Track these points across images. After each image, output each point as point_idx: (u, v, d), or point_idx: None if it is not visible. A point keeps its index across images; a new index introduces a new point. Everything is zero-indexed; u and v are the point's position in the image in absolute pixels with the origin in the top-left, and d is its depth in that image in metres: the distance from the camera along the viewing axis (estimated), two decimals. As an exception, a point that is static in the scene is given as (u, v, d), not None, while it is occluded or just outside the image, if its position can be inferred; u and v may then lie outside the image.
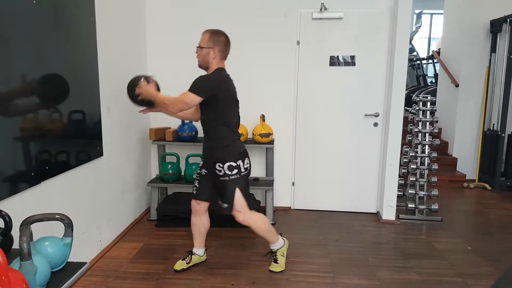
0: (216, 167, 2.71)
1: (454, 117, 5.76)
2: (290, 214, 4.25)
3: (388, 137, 3.95)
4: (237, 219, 2.80)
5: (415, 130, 4.21)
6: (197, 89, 2.59)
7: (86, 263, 1.65)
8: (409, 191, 4.18)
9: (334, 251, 3.35)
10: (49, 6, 2.38)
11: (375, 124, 4.12)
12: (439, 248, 3.43)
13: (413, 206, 4.12)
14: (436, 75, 7.93)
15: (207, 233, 3.04)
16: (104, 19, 3.06)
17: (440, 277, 2.93)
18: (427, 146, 4.18)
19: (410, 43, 8.85)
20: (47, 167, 2.39)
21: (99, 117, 3.03)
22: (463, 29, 5.59)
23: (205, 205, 2.91)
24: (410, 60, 8.62)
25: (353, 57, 4.05)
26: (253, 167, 3.35)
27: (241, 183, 2.75)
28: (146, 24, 4.11)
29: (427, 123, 4.17)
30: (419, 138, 4.19)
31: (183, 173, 4.07)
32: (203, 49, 2.67)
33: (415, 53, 9.18)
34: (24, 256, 1.35)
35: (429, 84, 8.57)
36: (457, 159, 5.75)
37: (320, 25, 4.03)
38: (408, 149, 4.26)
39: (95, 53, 2.93)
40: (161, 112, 2.82)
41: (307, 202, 4.36)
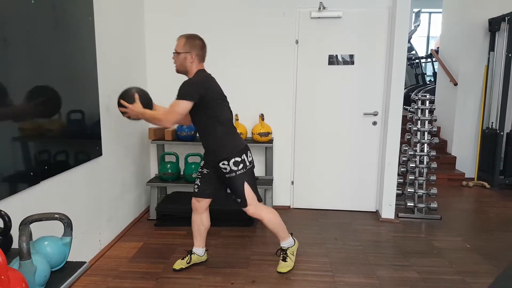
0: (220, 166, 2.71)
1: (453, 116, 5.76)
2: (289, 213, 4.26)
3: (387, 136, 3.96)
4: (248, 212, 2.80)
5: (414, 128, 4.22)
6: (186, 95, 2.56)
7: (85, 262, 1.65)
8: (408, 190, 4.18)
9: (333, 249, 3.35)
10: (48, 5, 2.38)
11: (374, 122, 4.12)
12: (438, 246, 3.43)
13: (412, 204, 4.13)
14: (434, 74, 7.94)
15: (207, 232, 3.04)
16: (102, 19, 3.06)
17: (439, 275, 2.93)
18: (426, 144, 4.18)
19: (408, 41, 8.85)
20: (46, 167, 2.39)
21: (98, 117, 3.03)
22: (461, 28, 5.60)
23: (205, 203, 2.92)
24: (409, 58, 8.62)
25: (352, 56, 4.06)
26: (252, 166, 3.36)
27: (248, 176, 2.77)
28: (144, 23, 4.11)
29: (426, 122, 4.18)
30: (418, 136, 4.19)
31: (182, 173, 4.08)
32: (179, 54, 2.65)
33: (414, 52, 9.18)
34: (23, 255, 1.35)
35: (428, 82, 8.57)
36: (456, 157, 5.76)
37: (319, 24, 4.03)
38: (407, 148, 4.26)
39: (93, 52, 2.93)
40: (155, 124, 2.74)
41: (306, 201, 4.36)
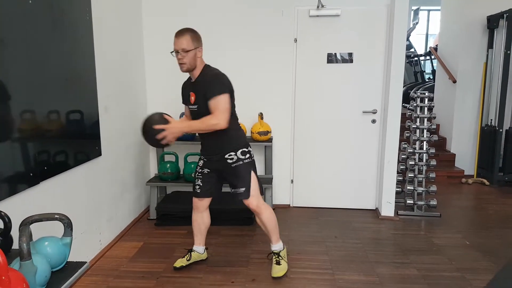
0: (226, 158, 2.69)
1: (452, 113, 5.77)
2: (289, 211, 4.26)
3: (386, 134, 3.96)
4: (251, 205, 2.77)
5: (413, 126, 4.22)
6: (224, 89, 2.56)
7: (86, 262, 1.65)
8: (408, 187, 4.19)
9: (333, 247, 3.36)
10: (45, 5, 2.37)
11: (373, 121, 4.13)
12: (438, 243, 3.44)
13: (412, 202, 4.13)
14: (433, 72, 7.94)
15: (207, 230, 3.05)
16: (100, 18, 3.06)
17: (439, 272, 2.94)
18: (425, 142, 4.19)
19: (407, 39, 8.83)
20: (45, 168, 2.39)
21: (97, 117, 3.03)
22: (460, 25, 5.60)
23: (207, 202, 2.92)
24: (407, 56, 8.61)
25: (350, 54, 4.06)
26: (252, 165, 3.36)
27: (254, 166, 2.79)
28: (143, 23, 4.11)
29: (425, 119, 4.18)
30: (417, 134, 4.20)
31: (182, 172, 4.08)
32: (189, 52, 2.55)
33: (412, 50, 9.18)
34: (24, 256, 1.35)
35: (427, 80, 8.57)
36: (455, 155, 5.76)
37: (317, 23, 4.03)
38: (406, 146, 4.27)
39: (92, 52, 2.93)
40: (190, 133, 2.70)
41: (306, 199, 4.37)
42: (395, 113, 3.91)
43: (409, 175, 4.19)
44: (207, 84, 2.59)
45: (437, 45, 6.88)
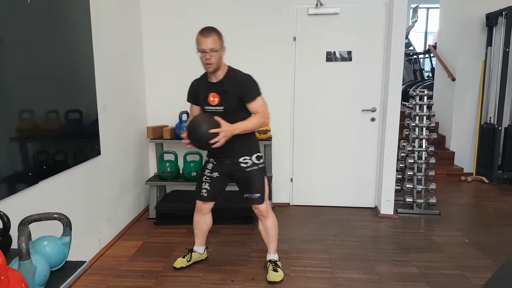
0: (240, 162, 2.66)
1: (451, 111, 5.77)
2: (289, 210, 4.26)
3: (385, 132, 3.96)
4: (261, 209, 2.75)
5: (412, 124, 4.22)
6: (260, 91, 2.63)
7: (85, 262, 1.65)
8: (407, 186, 4.19)
9: (333, 246, 3.36)
10: (44, 5, 2.37)
11: (372, 119, 4.13)
12: (437, 241, 3.44)
13: (411, 200, 4.14)
14: (432, 69, 7.94)
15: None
16: (99, 18, 3.05)
17: (438, 270, 2.94)
18: (424, 140, 4.19)
19: (406, 37, 8.85)
20: (44, 167, 2.39)
21: (96, 116, 3.03)
22: (459, 23, 5.60)
23: (211, 205, 2.88)
24: (406, 54, 8.62)
25: (349, 53, 4.05)
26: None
27: (265, 172, 2.79)
28: (141, 22, 4.10)
29: (424, 117, 4.18)
30: (416, 132, 4.20)
31: (181, 171, 4.07)
32: (218, 51, 2.50)
33: (411, 48, 9.18)
34: (23, 256, 1.35)
35: (426, 78, 8.57)
36: (454, 152, 5.77)
37: (316, 21, 4.03)
38: (405, 144, 4.27)
39: (90, 51, 2.92)
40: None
41: (305, 198, 4.37)
42: (394, 111, 3.91)
43: (409, 173, 4.20)
44: (241, 86, 2.57)
45: (436, 43, 6.88)
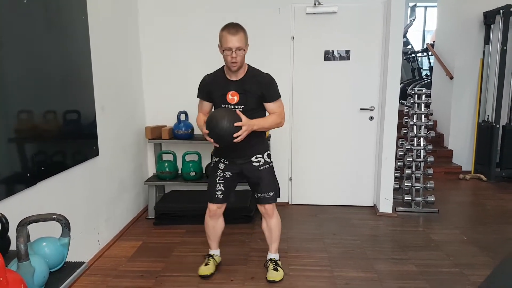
0: (252, 161, 2.65)
1: (449, 110, 5.78)
2: (288, 209, 4.27)
3: (383, 131, 3.96)
4: (267, 207, 2.74)
5: (411, 123, 4.23)
6: (278, 91, 2.65)
7: (84, 262, 1.65)
8: (406, 184, 4.20)
9: (331, 244, 3.36)
10: (41, 5, 2.36)
11: (371, 118, 4.13)
12: (436, 239, 3.45)
13: (410, 198, 4.14)
14: (430, 68, 7.95)
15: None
16: (96, 18, 3.05)
17: (437, 268, 2.95)
18: (422, 138, 4.19)
19: (404, 36, 8.86)
20: (43, 168, 2.39)
21: (94, 117, 3.02)
22: (457, 22, 5.61)
23: (224, 206, 2.83)
24: (405, 53, 8.63)
25: (348, 52, 4.05)
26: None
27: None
28: (139, 22, 4.09)
29: (422, 116, 4.19)
30: (415, 131, 4.21)
31: (180, 171, 4.07)
32: (244, 50, 2.46)
33: (409, 46, 9.20)
34: (21, 257, 1.35)
35: (424, 77, 8.59)
36: (452, 151, 5.78)
37: (314, 20, 4.03)
38: (403, 142, 4.28)
39: (88, 51, 2.92)
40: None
41: (304, 197, 4.37)
42: (393, 110, 3.91)
43: (407, 172, 4.20)
44: (263, 86, 2.56)
45: (434, 42, 6.89)
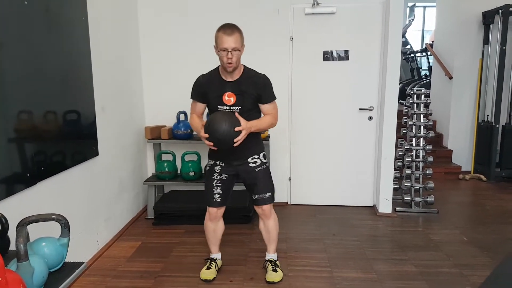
0: (249, 161, 2.63)
1: (448, 110, 5.78)
2: (287, 209, 4.27)
3: (382, 131, 3.96)
4: (264, 208, 2.71)
5: (410, 123, 4.23)
6: (273, 92, 2.63)
7: (83, 262, 1.65)
8: (405, 184, 4.20)
9: (331, 245, 3.36)
10: (41, 6, 2.36)
11: (370, 118, 4.13)
12: (436, 239, 3.45)
13: (409, 198, 4.14)
14: (430, 68, 7.96)
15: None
16: (96, 18, 3.05)
17: (437, 268, 2.95)
18: (421, 138, 4.19)
19: (403, 36, 8.87)
20: (42, 168, 2.39)
21: (94, 117, 3.02)
22: (456, 22, 5.61)
23: (223, 209, 2.81)
24: (404, 53, 8.64)
25: (346, 52, 4.06)
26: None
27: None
28: (138, 22, 4.09)
29: (422, 116, 4.19)
30: (414, 131, 4.21)
31: (179, 171, 4.07)
32: (240, 50, 2.42)
33: (408, 46, 9.20)
34: (21, 257, 1.35)
35: (423, 77, 8.60)
36: (452, 151, 5.78)
37: (313, 20, 4.03)
38: (403, 142, 4.28)
39: (88, 52, 2.92)
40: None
41: (303, 197, 4.37)
42: (392, 110, 3.91)
43: (406, 172, 4.20)
44: (260, 87, 2.54)
45: (433, 42, 6.90)
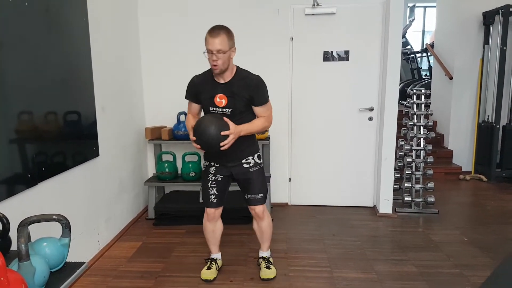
0: (243, 163, 2.64)
1: (449, 110, 5.78)
2: (287, 209, 4.27)
3: (383, 131, 3.97)
4: (257, 210, 2.72)
5: (410, 123, 4.23)
6: (268, 94, 2.59)
7: (84, 263, 1.66)
8: (405, 184, 4.20)
9: (331, 245, 3.37)
10: (41, 7, 2.37)
11: (370, 118, 4.13)
12: (436, 240, 3.45)
13: (410, 199, 4.14)
14: (430, 68, 7.96)
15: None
16: (97, 19, 3.06)
17: (437, 269, 2.95)
18: (422, 139, 4.19)
19: (404, 36, 8.87)
20: (43, 169, 2.39)
21: (94, 118, 3.03)
22: (456, 22, 5.61)
23: (221, 210, 2.81)
24: (404, 53, 8.64)
25: (347, 52, 4.06)
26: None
27: (264, 172, 2.79)
28: (138, 22, 4.10)
29: (422, 116, 4.19)
30: (414, 131, 4.21)
31: (179, 172, 4.08)
32: (225, 53, 2.40)
33: (409, 47, 9.20)
34: (22, 257, 1.36)
35: (424, 77, 8.59)
36: (452, 151, 5.78)
37: (313, 21, 4.03)
38: (403, 143, 4.28)
39: (88, 52, 2.92)
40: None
41: (304, 197, 4.37)
42: (392, 110, 3.91)
43: (407, 172, 4.20)
44: (252, 89, 2.50)
45: (433, 42, 6.90)
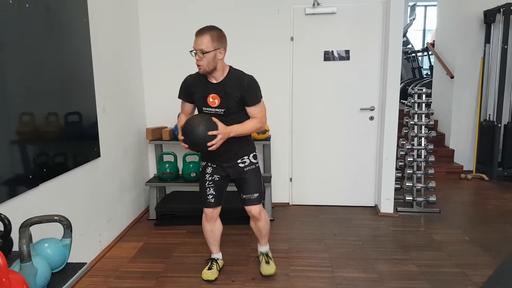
0: (238, 162, 2.64)
1: (450, 109, 5.77)
2: (288, 209, 4.27)
3: (384, 131, 3.96)
4: (254, 210, 2.71)
5: (411, 122, 4.23)
6: (261, 94, 2.60)
7: (85, 263, 1.66)
8: (407, 184, 4.19)
9: (332, 245, 3.37)
10: (42, 8, 2.38)
11: (371, 117, 4.13)
12: (438, 239, 3.45)
13: (411, 198, 4.14)
14: (431, 67, 7.95)
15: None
16: (97, 20, 3.06)
17: (438, 268, 2.95)
18: (423, 138, 4.19)
19: (404, 35, 8.87)
20: (45, 170, 2.40)
21: (95, 118, 3.03)
22: (457, 21, 5.60)
23: (219, 209, 2.81)
24: (405, 52, 8.63)
25: (347, 52, 4.06)
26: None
27: (260, 172, 2.78)
28: (139, 23, 4.11)
29: (423, 116, 4.19)
30: (415, 130, 4.20)
31: (180, 172, 4.08)
32: (207, 53, 2.37)
33: (410, 46, 9.20)
34: (24, 258, 1.36)
35: (425, 76, 8.59)
36: (454, 150, 5.77)
37: (313, 21, 4.03)
38: (404, 142, 4.28)
39: (89, 53, 2.93)
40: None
41: (305, 197, 4.37)
42: (393, 109, 3.91)
43: (408, 172, 4.20)
44: (244, 89, 2.49)
45: (434, 41, 6.89)
